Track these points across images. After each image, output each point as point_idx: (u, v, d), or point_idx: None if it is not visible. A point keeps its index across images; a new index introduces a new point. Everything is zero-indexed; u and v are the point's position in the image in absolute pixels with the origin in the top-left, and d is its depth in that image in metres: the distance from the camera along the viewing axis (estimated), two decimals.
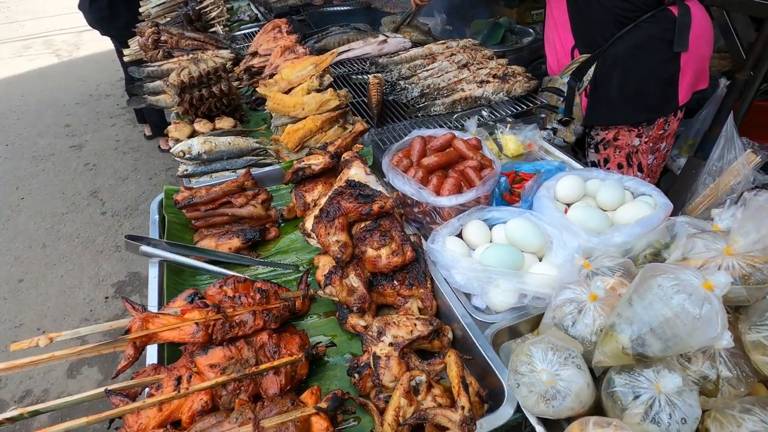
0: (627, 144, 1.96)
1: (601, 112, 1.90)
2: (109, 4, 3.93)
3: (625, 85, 1.81)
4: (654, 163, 2.04)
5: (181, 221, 1.55)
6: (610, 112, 1.90)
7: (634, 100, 1.85)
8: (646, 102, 1.86)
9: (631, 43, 1.74)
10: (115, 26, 4.08)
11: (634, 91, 1.83)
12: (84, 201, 4.37)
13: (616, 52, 1.77)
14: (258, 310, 1.12)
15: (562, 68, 1.95)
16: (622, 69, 1.79)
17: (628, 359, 0.83)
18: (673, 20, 1.69)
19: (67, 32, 8.80)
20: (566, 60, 1.93)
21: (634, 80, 1.80)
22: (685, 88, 1.84)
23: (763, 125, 3.55)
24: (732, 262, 0.84)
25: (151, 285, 1.30)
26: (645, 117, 1.89)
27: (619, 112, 1.89)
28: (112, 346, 0.98)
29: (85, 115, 5.88)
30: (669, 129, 1.97)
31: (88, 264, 3.68)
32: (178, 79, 1.95)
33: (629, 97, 1.84)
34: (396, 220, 1.27)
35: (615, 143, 1.98)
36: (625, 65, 1.78)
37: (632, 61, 1.76)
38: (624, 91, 1.83)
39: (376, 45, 2.65)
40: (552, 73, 2.06)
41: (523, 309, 1.18)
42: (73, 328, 3.29)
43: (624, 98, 1.85)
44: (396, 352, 1.04)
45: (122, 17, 4.00)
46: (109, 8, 3.95)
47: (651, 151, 1.99)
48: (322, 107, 1.72)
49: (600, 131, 1.97)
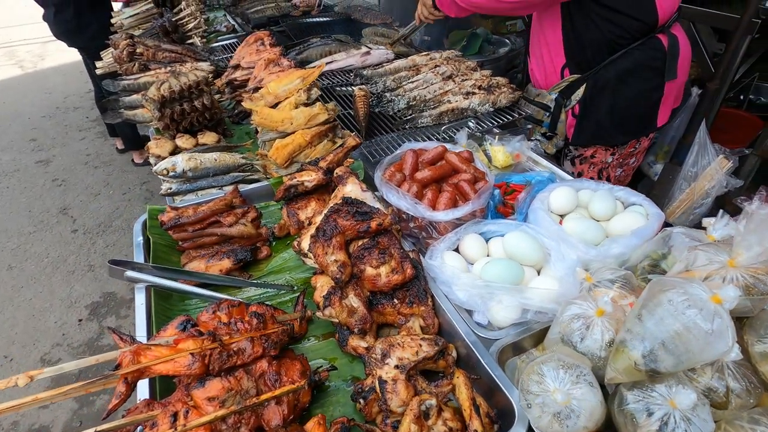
0: (601, 161, 2.04)
1: (589, 133, 1.95)
2: (75, 15, 3.78)
3: (614, 108, 1.87)
4: (621, 175, 2.12)
5: (167, 242, 1.48)
6: (598, 133, 1.96)
7: (620, 122, 1.91)
8: (629, 125, 1.93)
9: (621, 68, 1.78)
10: (82, 38, 3.93)
11: (621, 114, 1.89)
12: (53, 219, 4.17)
13: (607, 75, 1.81)
14: (256, 336, 1.07)
15: (551, 85, 1.97)
16: (612, 92, 1.84)
17: (641, 375, 0.83)
18: (661, 49, 1.75)
19: (31, 42, 8.47)
20: (555, 77, 1.96)
21: (622, 104, 1.85)
22: (665, 111, 1.92)
23: (730, 130, 3.72)
24: (736, 274, 0.85)
25: (139, 313, 1.23)
26: (625, 139, 1.97)
27: (606, 133, 1.95)
28: (102, 384, 0.92)
29: (52, 128, 5.65)
30: (640, 147, 2.05)
31: (59, 285, 3.50)
32: (158, 93, 1.89)
33: (616, 120, 1.90)
34: (394, 237, 1.25)
35: (591, 160, 2.05)
36: (616, 89, 1.82)
37: (622, 85, 1.81)
38: (612, 114, 1.88)
39: (359, 57, 2.64)
40: (538, 87, 2.09)
41: (526, 324, 1.17)
42: (43, 353, 3.11)
43: (611, 121, 1.90)
44: (402, 375, 1.01)
45: (89, 28, 3.86)
46: (75, 19, 3.80)
47: (620, 165, 2.07)
48: (311, 121, 1.68)
49: (579, 147, 2.03)
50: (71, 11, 3.76)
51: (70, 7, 3.73)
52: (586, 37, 1.78)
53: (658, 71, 1.78)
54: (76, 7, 3.74)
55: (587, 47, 1.80)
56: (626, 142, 1.97)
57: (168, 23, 2.88)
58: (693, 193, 2.68)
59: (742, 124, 3.71)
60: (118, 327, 3.15)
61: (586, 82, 1.85)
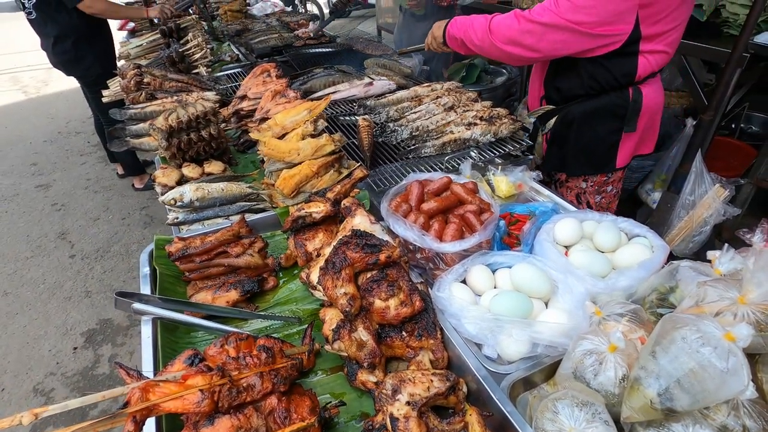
0: (575, 186, 2.19)
1: (556, 161, 2.15)
2: (74, 46, 3.85)
3: (577, 142, 2.03)
4: (602, 201, 2.23)
5: (173, 273, 1.48)
6: (563, 162, 2.14)
7: (583, 156, 2.07)
8: (591, 159, 2.07)
9: (588, 108, 1.94)
10: (80, 68, 4.00)
11: (583, 149, 2.05)
12: (51, 243, 4.15)
13: (575, 112, 1.97)
14: (265, 371, 1.06)
15: (533, 109, 2.16)
16: (577, 128, 2.00)
17: (657, 414, 0.82)
18: (626, 100, 1.87)
19: (35, 68, 8.61)
20: (536, 103, 2.17)
21: (585, 140, 2.01)
22: (624, 156, 2.05)
23: (723, 158, 3.80)
24: (746, 310, 0.86)
25: (145, 346, 1.21)
26: (584, 171, 2.13)
27: (570, 163, 2.12)
28: (110, 422, 0.90)
29: (54, 153, 5.68)
30: (613, 177, 2.16)
31: (55, 312, 3.45)
32: (166, 123, 1.91)
33: (579, 153, 2.06)
34: (403, 269, 1.25)
35: (567, 184, 2.21)
36: (580, 126, 1.99)
37: (585, 124, 1.97)
38: (576, 147, 2.05)
39: (362, 87, 2.70)
40: (528, 105, 2.30)
41: (536, 358, 1.16)
42: (36, 383, 3.05)
43: (575, 153, 2.07)
44: (414, 412, 0.99)
45: (86, 60, 3.93)
46: (73, 51, 3.87)
47: (597, 192, 2.20)
48: (318, 152, 1.71)
49: (554, 173, 2.23)
50: (70, 43, 3.84)
51: (70, 39, 3.81)
52: (564, 79, 1.95)
53: (619, 119, 1.92)
54: (76, 39, 3.82)
55: (564, 85, 1.97)
56: (586, 174, 2.12)
57: (175, 53, 2.95)
58: (691, 221, 2.71)
59: (735, 153, 3.80)
60: (114, 355, 3.10)
61: (558, 114, 2.03)
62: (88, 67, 3.98)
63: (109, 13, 3.73)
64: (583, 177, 2.13)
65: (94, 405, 2.61)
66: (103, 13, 3.68)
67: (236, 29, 4.23)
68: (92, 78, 4.04)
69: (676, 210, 2.85)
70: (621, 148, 2.00)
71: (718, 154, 3.70)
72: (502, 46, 1.80)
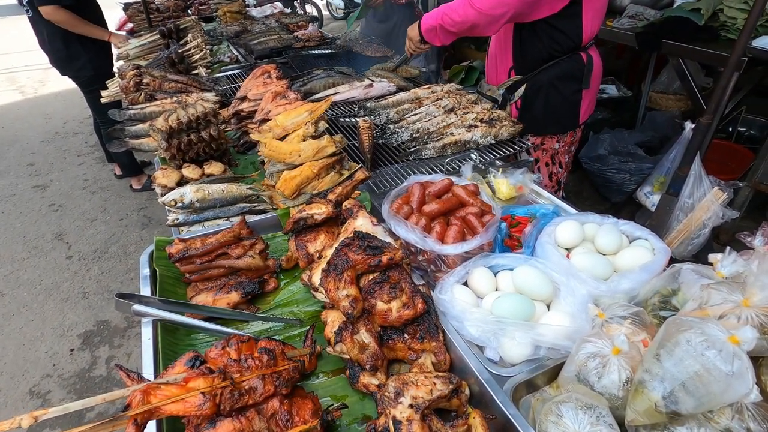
0: (550, 147, 2.48)
1: (530, 124, 2.36)
2: (65, 45, 3.85)
3: (546, 106, 2.33)
4: (568, 161, 2.59)
5: (173, 275, 1.47)
6: (536, 124, 2.39)
7: (552, 117, 2.37)
8: (561, 120, 2.40)
9: (552, 75, 2.25)
10: (72, 67, 4.00)
11: (552, 111, 2.35)
12: (48, 244, 4.12)
13: (542, 79, 2.26)
14: (267, 373, 1.05)
15: (500, 82, 2.39)
16: (545, 93, 2.29)
17: (662, 417, 0.82)
18: (581, 63, 2.22)
19: (32, 69, 8.57)
20: (503, 77, 2.40)
21: (552, 102, 2.31)
22: (584, 112, 2.40)
23: (720, 161, 3.82)
24: (750, 313, 0.86)
25: (146, 348, 1.20)
26: (555, 130, 2.43)
27: (540, 125, 2.40)
28: (111, 425, 0.89)
29: (51, 153, 5.65)
30: (576, 136, 2.53)
31: (52, 313, 3.43)
32: (166, 124, 1.91)
33: (549, 115, 2.36)
34: (405, 272, 1.25)
35: (542, 147, 2.47)
36: (548, 91, 2.29)
37: (552, 88, 2.28)
38: (545, 110, 2.34)
39: (362, 89, 2.70)
40: (489, 83, 2.55)
41: (539, 361, 1.16)
42: (32, 385, 3.03)
43: (544, 115, 2.36)
44: (417, 415, 0.99)
45: (79, 59, 3.93)
46: (65, 49, 3.87)
47: (566, 153, 2.54)
48: (319, 153, 1.71)
49: (530, 137, 2.41)
50: (60, 42, 3.84)
51: (60, 37, 3.81)
52: (530, 46, 2.22)
53: (578, 80, 2.27)
54: (65, 38, 3.81)
55: (529, 55, 2.25)
56: (557, 133, 2.43)
57: (174, 54, 2.94)
58: (690, 224, 2.72)
59: (732, 156, 3.82)
60: (112, 357, 3.08)
61: (526, 83, 2.29)
62: (80, 67, 3.98)
63: (69, 25, 3.68)
64: (557, 138, 2.43)
65: (91, 408, 2.59)
66: (63, 24, 3.65)
67: (235, 30, 4.22)
68: (85, 79, 4.04)
69: (675, 213, 2.86)
70: (582, 105, 2.35)
71: (715, 158, 3.72)
72: (489, 11, 1.99)
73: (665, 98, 4.18)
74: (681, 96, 4.15)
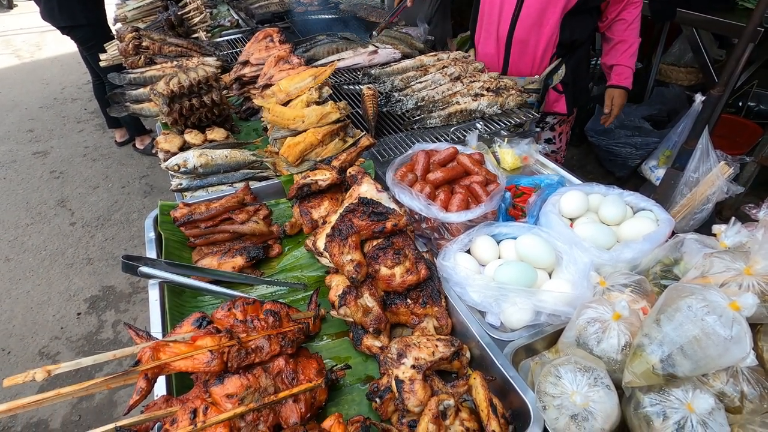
0: (573, 117, 2.58)
1: (578, 96, 2.45)
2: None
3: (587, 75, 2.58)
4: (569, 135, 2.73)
5: (178, 238, 1.48)
6: (583, 94, 2.53)
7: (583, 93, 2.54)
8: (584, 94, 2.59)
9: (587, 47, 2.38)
10: (65, 16, 3.88)
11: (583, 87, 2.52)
12: (51, 211, 4.14)
13: (580, 56, 2.33)
14: (272, 333, 1.08)
15: (537, 72, 2.33)
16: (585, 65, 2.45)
17: (658, 379, 0.84)
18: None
19: (27, 32, 8.36)
20: (530, 61, 2.32)
21: (582, 77, 2.45)
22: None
23: (728, 136, 3.77)
24: (752, 281, 0.87)
25: (153, 308, 1.23)
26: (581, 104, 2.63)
27: (587, 93, 2.67)
28: (122, 380, 0.92)
29: (50, 120, 5.59)
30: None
31: (57, 278, 3.48)
32: (168, 88, 1.88)
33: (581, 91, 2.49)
34: (409, 238, 1.26)
35: (568, 119, 2.54)
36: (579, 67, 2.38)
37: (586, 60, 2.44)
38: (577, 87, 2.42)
39: (367, 56, 2.64)
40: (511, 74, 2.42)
41: (539, 326, 1.18)
42: (42, 346, 3.10)
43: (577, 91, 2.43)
44: (419, 375, 1.02)
45: (72, 7, 3.82)
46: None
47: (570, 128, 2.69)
48: (323, 120, 1.68)
49: (556, 115, 2.48)
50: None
51: None
52: (579, 27, 2.20)
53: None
54: None
55: (577, 34, 2.23)
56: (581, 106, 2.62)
57: (174, 17, 2.86)
58: (694, 199, 2.70)
59: (741, 131, 3.76)
60: (118, 321, 3.14)
61: (566, 63, 2.28)
62: (72, 15, 3.87)
63: None
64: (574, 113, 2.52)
65: (99, 368, 2.67)
66: None
67: None
68: (81, 32, 3.94)
69: (679, 187, 2.84)
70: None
71: (723, 132, 3.67)
72: None
73: (676, 71, 4.08)
74: (692, 69, 4.04)
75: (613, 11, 2.22)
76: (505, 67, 2.40)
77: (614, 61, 2.32)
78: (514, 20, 2.23)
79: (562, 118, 2.50)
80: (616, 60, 2.31)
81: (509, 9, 2.20)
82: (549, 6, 2.11)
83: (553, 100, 2.40)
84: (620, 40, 2.26)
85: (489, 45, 2.42)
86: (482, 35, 2.45)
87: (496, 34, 2.34)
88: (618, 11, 2.21)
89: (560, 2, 2.08)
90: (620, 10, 2.20)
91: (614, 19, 2.24)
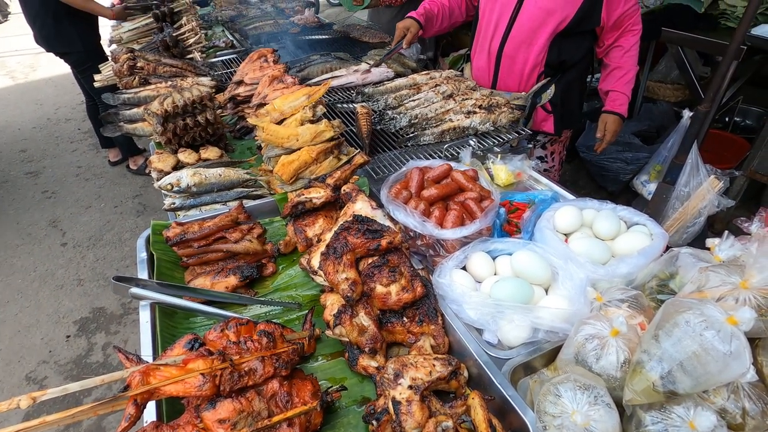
0: (566, 137, 2.62)
1: (567, 119, 2.46)
2: (54, 20, 3.80)
3: (580, 97, 2.49)
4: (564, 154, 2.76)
5: (171, 258, 1.46)
6: (573, 118, 2.52)
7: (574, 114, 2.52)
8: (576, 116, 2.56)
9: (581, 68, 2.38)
10: (61, 43, 3.93)
11: (574, 107, 2.49)
12: (42, 231, 4.09)
13: (570, 77, 2.33)
14: (266, 355, 1.05)
15: (515, 84, 2.38)
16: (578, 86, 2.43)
17: (659, 396, 0.83)
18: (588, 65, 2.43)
19: (22, 53, 8.41)
20: (517, 78, 2.37)
21: (574, 98, 2.45)
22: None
23: (716, 150, 3.83)
24: (748, 295, 0.87)
25: (144, 330, 1.20)
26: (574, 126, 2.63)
27: (577, 116, 2.57)
28: (111, 406, 0.89)
29: (43, 140, 5.57)
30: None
31: (47, 300, 3.41)
32: (162, 108, 1.88)
33: (572, 112, 2.48)
34: (404, 255, 1.25)
35: (560, 139, 2.56)
36: (579, 84, 2.43)
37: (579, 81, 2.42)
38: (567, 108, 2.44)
39: (360, 74, 2.67)
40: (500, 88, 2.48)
41: (537, 343, 1.17)
42: (29, 371, 3.02)
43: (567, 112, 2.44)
44: (417, 396, 1.00)
45: (68, 35, 3.87)
46: (54, 24, 3.82)
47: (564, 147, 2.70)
48: (317, 138, 1.69)
49: (547, 134, 2.50)
50: (50, 17, 3.79)
51: (49, 13, 3.77)
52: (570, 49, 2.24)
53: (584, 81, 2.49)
54: (55, 13, 3.77)
55: (566, 56, 2.25)
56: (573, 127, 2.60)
57: (169, 38, 2.89)
58: (686, 213, 2.73)
59: (728, 146, 3.83)
60: (108, 344, 3.07)
61: (555, 83, 2.28)
62: (69, 42, 3.92)
63: (77, 2, 3.70)
64: (567, 133, 2.57)
65: (87, 393, 2.60)
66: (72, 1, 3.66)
67: (230, 15, 4.15)
68: (76, 57, 3.98)
69: (671, 201, 2.87)
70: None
71: (711, 147, 3.73)
72: None
73: (663, 87, 4.16)
74: (679, 85, 4.14)
75: (609, 37, 2.24)
76: (494, 81, 2.45)
77: (610, 87, 2.33)
78: (506, 36, 2.29)
79: (553, 138, 2.52)
80: (611, 86, 2.33)
81: (503, 25, 2.27)
82: (541, 26, 2.16)
83: (541, 119, 2.42)
84: (616, 66, 2.27)
85: (481, 59, 2.48)
86: (477, 49, 2.51)
87: (488, 48, 2.40)
88: (615, 37, 2.23)
89: (552, 23, 2.12)
90: (617, 37, 2.22)
91: (611, 45, 2.26)
